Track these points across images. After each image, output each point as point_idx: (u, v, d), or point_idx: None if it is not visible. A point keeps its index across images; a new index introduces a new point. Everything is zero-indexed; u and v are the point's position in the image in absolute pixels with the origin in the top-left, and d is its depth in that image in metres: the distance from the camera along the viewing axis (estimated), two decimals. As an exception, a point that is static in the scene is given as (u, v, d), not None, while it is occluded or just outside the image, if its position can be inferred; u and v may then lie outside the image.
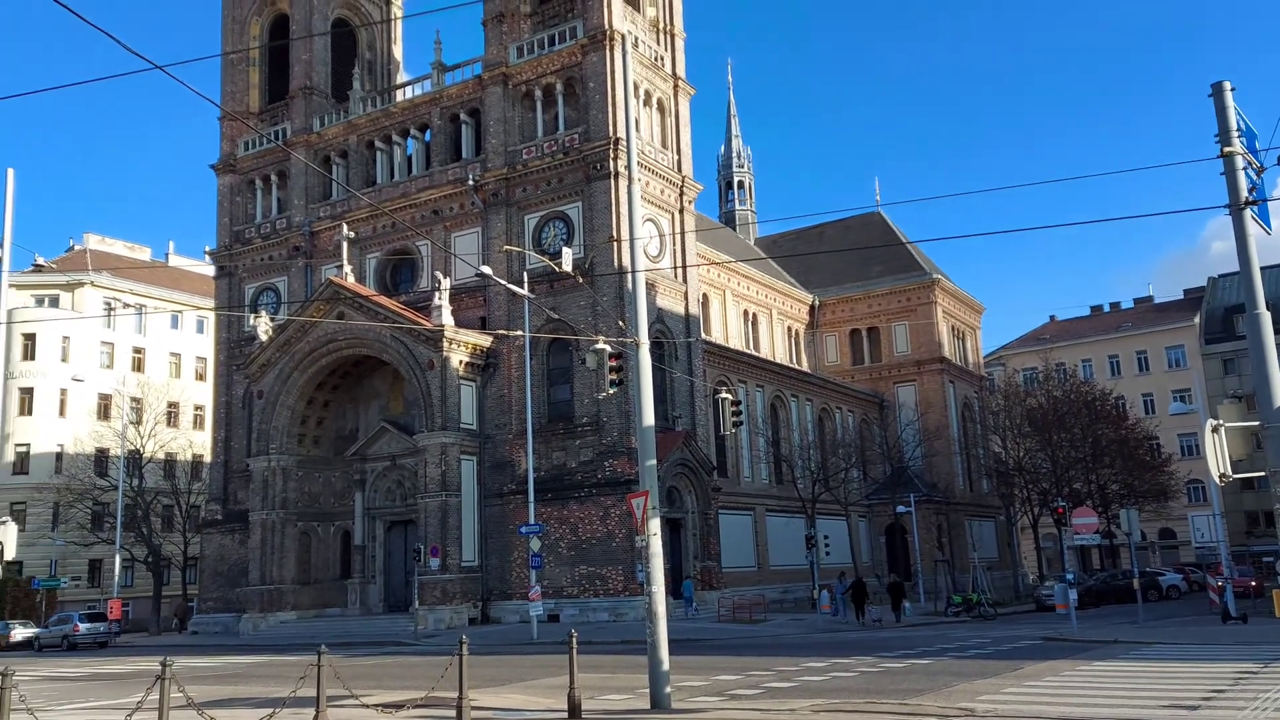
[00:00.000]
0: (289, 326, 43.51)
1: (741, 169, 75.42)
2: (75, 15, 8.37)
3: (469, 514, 39.63)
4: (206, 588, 49.15)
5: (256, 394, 44.63)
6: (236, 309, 49.73)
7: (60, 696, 19.39)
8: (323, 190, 48.77)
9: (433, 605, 37.27)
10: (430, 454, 39.22)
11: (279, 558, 42.94)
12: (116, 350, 69.10)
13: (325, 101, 49.93)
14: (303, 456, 44.27)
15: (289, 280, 48.85)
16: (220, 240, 51.47)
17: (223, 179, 51.78)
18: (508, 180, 42.08)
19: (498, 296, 41.05)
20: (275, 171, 50.38)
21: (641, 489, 15.59)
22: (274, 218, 50.13)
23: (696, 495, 40.79)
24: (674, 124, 44.07)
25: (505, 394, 40.94)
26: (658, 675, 14.08)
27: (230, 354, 49.81)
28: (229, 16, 52.95)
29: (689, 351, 42.47)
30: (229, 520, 47.53)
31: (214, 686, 18.85)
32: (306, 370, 43.45)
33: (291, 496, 43.58)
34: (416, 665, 23.09)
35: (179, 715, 11.16)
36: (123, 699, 18.19)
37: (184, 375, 71.65)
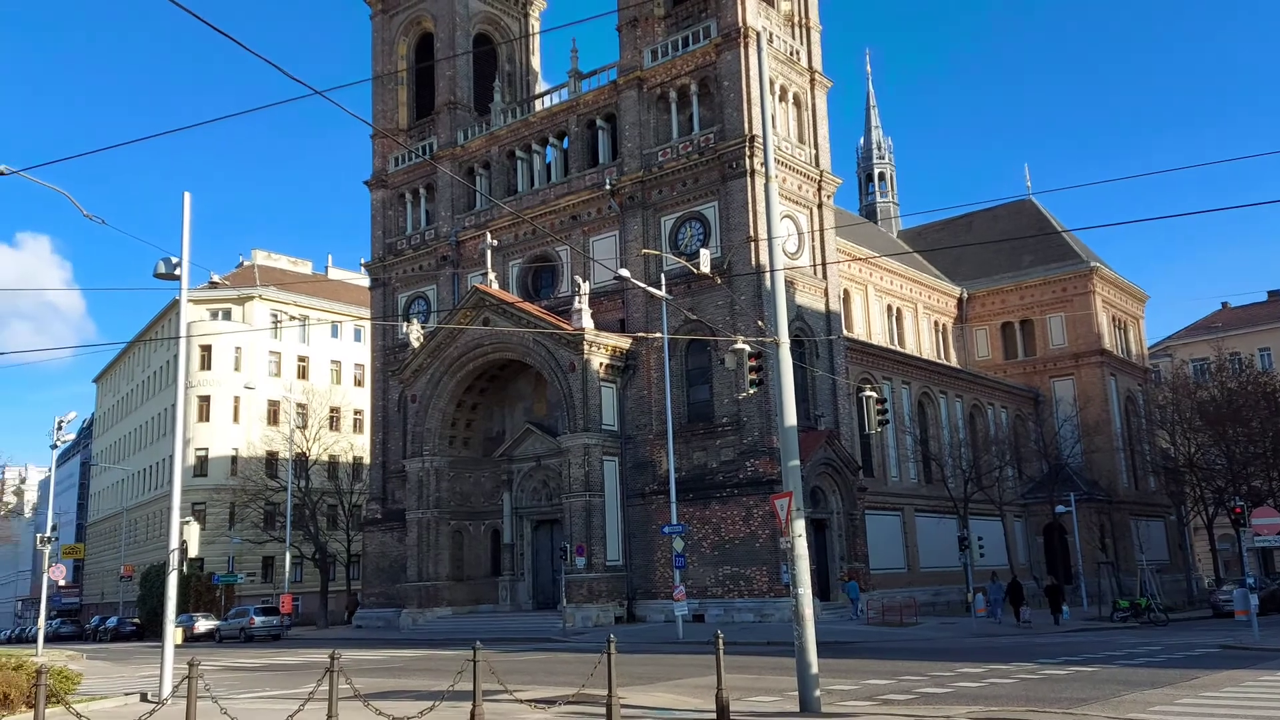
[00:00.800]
0: (438, 333, 45.25)
1: (882, 161, 73.63)
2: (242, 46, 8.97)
3: (612, 514, 40.19)
4: (369, 583, 51.62)
5: (410, 398, 46.59)
6: (390, 318, 52.05)
7: (240, 686, 20.76)
8: (467, 201, 50.48)
9: (580, 603, 37.96)
10: (573, 455, 39.97)
11: (434, 555, 44.70)
12: (283, 359, 73.61)
13: (468, 115, 51.66)
14: (454, 457, 45.93)
15: (438, 288, 50.78)
16: (374, 252, 54.01)
17: (375, 194, 54.33)
18: (644, 183, 42.45)
19: (636, 299, 41.45)
20: (423, 185, 52.50)
21: (784, 489, 15.42)
22: (423, 229, 52.23)
23: (841, 495, 40.06)
24: (811, 118, 43.44)
25: (645, 395, 41.29)
26: (806, 678, 13.89)
27: (385, 360, 52.17)
28: (379, 39, 55.52)
29: (830, 349, 41.76)
30: (388, 519, 49.78)
31: (377, 679, 19.78)
32: (456, 375, 45.07)
33: (444, 496, 45.28)
34: (566, 662, 23.56)
35: (346, 706, 11.75)
36: (295, 689, 19.32)
37: (344, 381, 75.60)
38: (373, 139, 54.45)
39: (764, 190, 17.12)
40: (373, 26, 55.86)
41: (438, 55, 51.87)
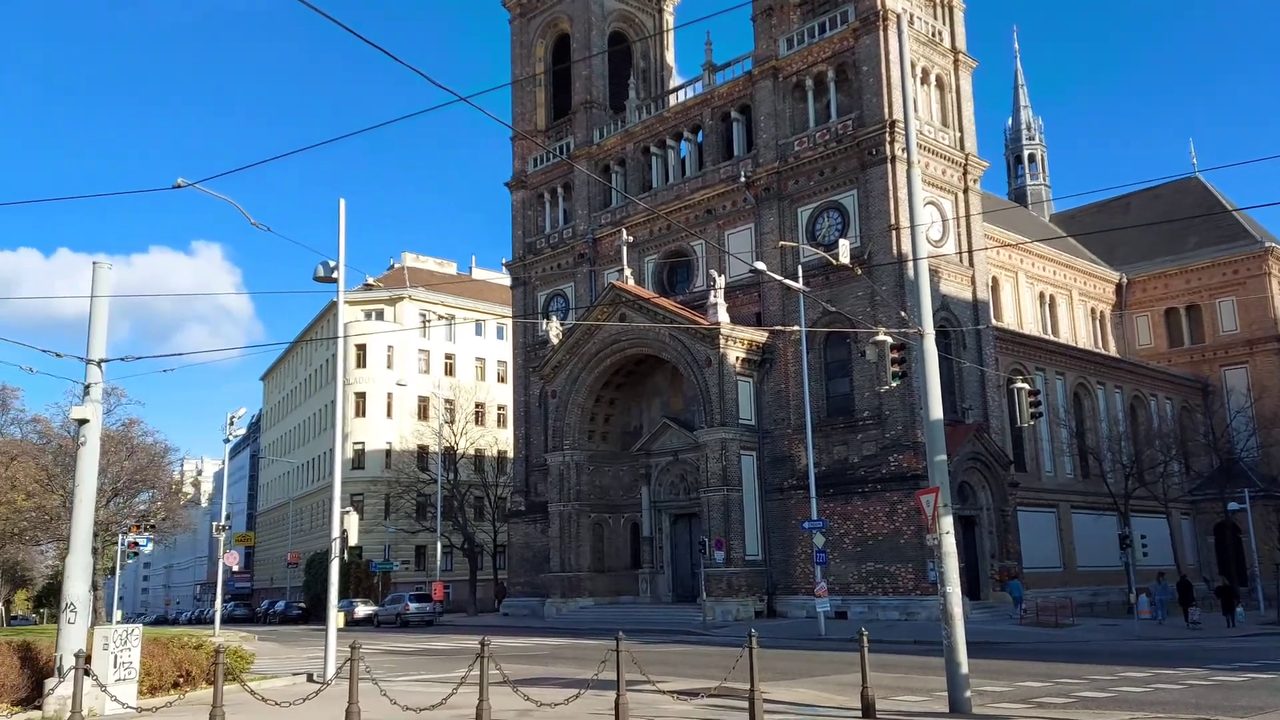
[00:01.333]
0: (576, 330, 46.08)
1: (1032, 141, 70.38)
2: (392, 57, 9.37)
3: (750, 508, 40.00)
4: (514, 572, 53.13)
5: (550, 394, 47.64)
6: (530, 316, 53.35)
7: (397, 669, 21.75)
8: (603, 198, 51.16)
9: (719, 597, 37.96)
10: (710, 449, 39.97)
11: (576, 546, 45.62)
12: (431, 357, 76.63)
13: (604, 113, 52.33)
14: (593, 451, 46.71)
15: (575, 286, 51.70)
16: (515, 252, 55.45)
17: (515, 195, 55.76)
18: (779, 174, 41.98)
19: (772, 292, 41.06)
20: (561, 184, 53.55)
21: (930, 485, 14.98)
22: (561, 228, 53.29)
23: (991, 491, 38.60)
24: (954, 100, 41.97)
25: (782, 389, 40.87)
26: (956, 678, 13.47)
27: (527, 357, 53.51)
28: (517, 43, 56.92)
29: (978, 339, 40.27)
30: (531, 511, 51.09)
31: (524, 665, 20.36)
32: (594, 370, 45.79)
33: (584, 489, 46.12)
34: (706, 655, 23.62)
35: (496, 691, 12.13)
36: (448, 674, 20.10)
37: (488, 378, 78.06)
38: (512, 141, 55.88)
39: (906, 177, 16.67)
40: (511, 31, 57.28)
41: (574, 56, 52.76)
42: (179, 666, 16.92)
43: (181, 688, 16.53)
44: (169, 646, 17.54)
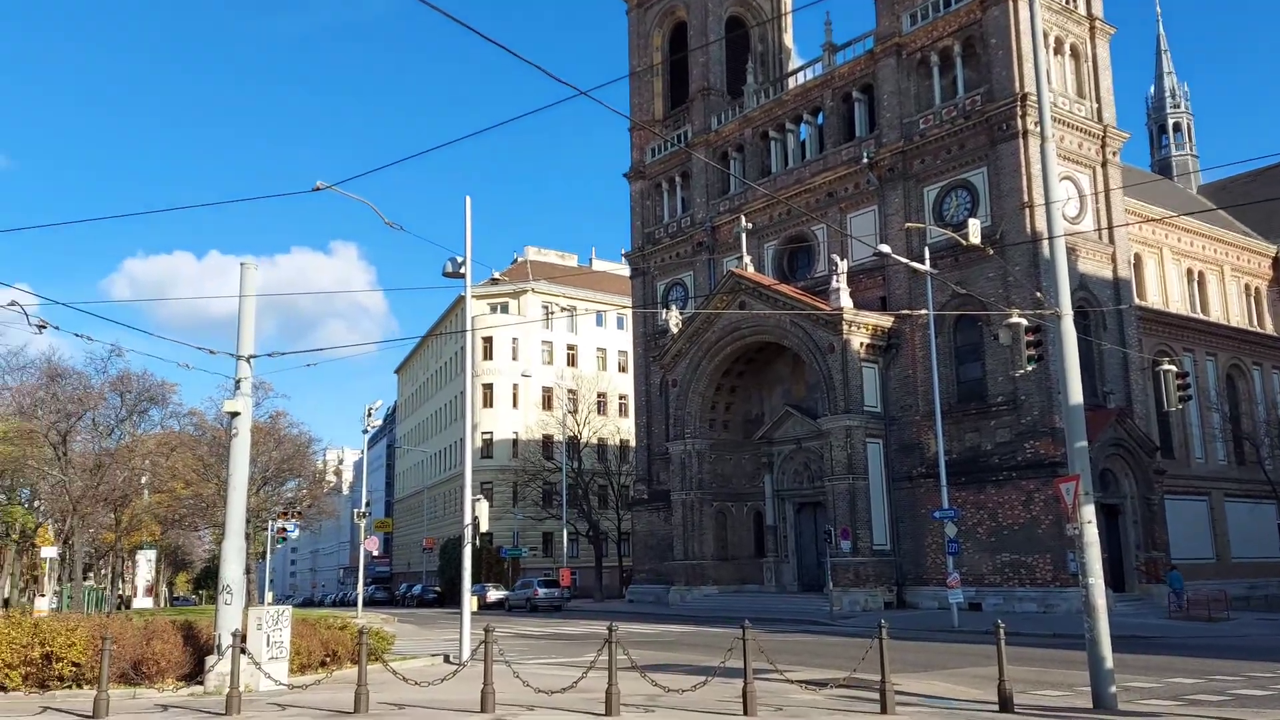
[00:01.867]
0: (695, 319, 46.07)
1: (1177, 110, 66.29)
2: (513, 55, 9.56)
3: (878, 497, 39.21)
4: (639, 560, 53.67)
5: (671, 382, 47.81)
6: (649, 305, 53.64)
7: (528, 652, 22.30)
8: (721, 186, 50.92)
9: (846, 587, 37.42)
10: (834, 437, 39.36)
11: (699, 535, 45.71)
12: (554, 348, 78.09)
13: (721, 100, 52.05)
14: (714, 440, 46.66)
15: (694, 274, 51.69)
16: (634, 242, 55.83)
17: (634, 185, 56.10)
18: (904, 153, 40.87)
19: (898, 275, 40.06)
20: (679, 173, 53.56)
21: (1070, 472, 14.34)
22: (679, 216, 53.33)
23: (1135, 479, 36.73)
24: (1090, 70, 39.95)
25: (910, 374, 39.87)
26: (1100, 673, 12.90)
27: (647, 347, 53.85)
28: (634, 33, 57.20)
29: (1119, 320, 38.33)
30: (654, 499, 51.47)
31: (650, 651, 20.56)
32: (714, 358, 45.70)
33: (706, 478, 46.14)
34: (833, 645, 23.33)
35: (624, 675, 12.30)
36: (577, 658, 20.49)
37: (609, 368, 78.99)
38: (630, 132, 56.20)
39: (1040, 152, 15.97)
40: (629, 22, 57.56)
41: (691, 43, 52.64)
42: (326, 646, 17.78)
43: (328, 666, 17.37)
44: (316, 627, 18.46)
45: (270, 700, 14.02)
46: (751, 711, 11.51)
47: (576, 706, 12.24)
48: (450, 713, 12.21)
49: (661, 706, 12.29)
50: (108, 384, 38.92)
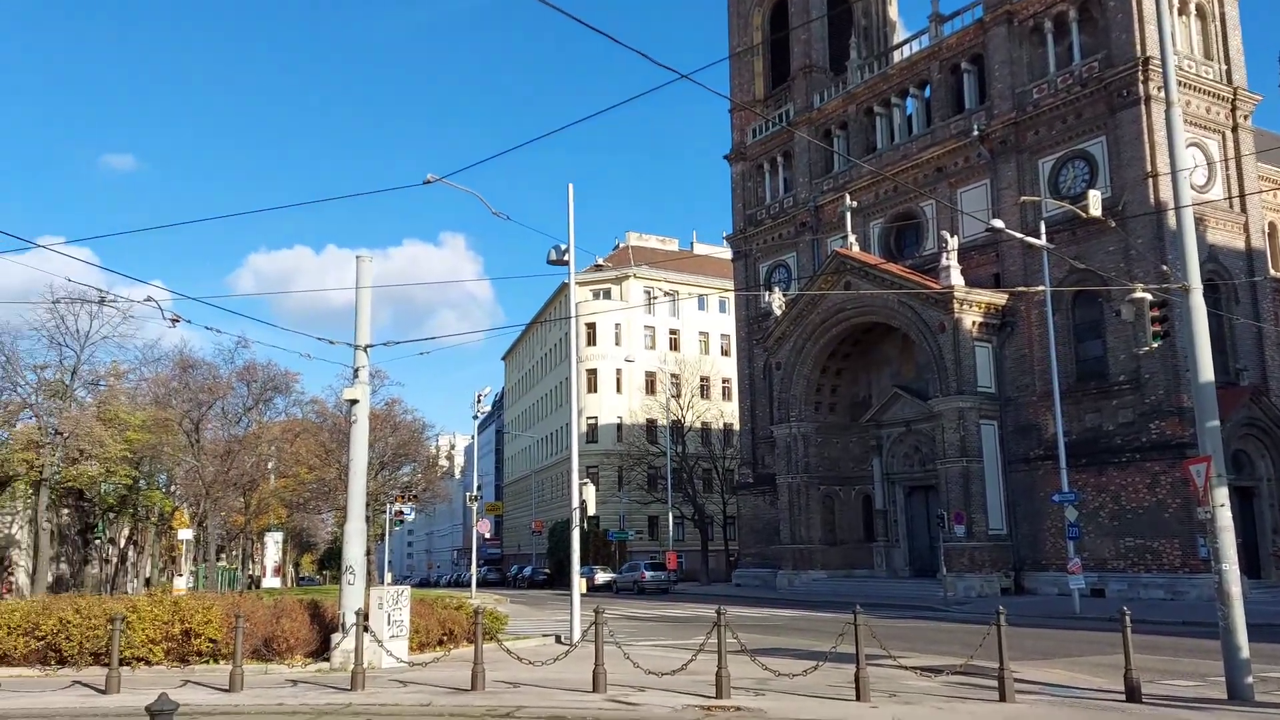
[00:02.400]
0: (799, 300, 45.51)
1: (1313, 66, 61.96)
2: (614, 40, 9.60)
3: (992, 480, 38.11)
4: (744, 543, 53.56)
5: (774, 365, 47.40)
6: (752, 288, 53.25)
7: (636, 634, 22.55)
8: (825, 164, 50.08)
9: (960, 572, 36.55)
10: (946, 419, 38.40)
11: (805, 519, 45.31)
12: (656, 333, 78.39)
13: (824, 77, 51.13)
14: (820, 423, 46.09)
15: (798, 255, 51.04)
16: (735, 225, 55.45)
17: (735, 167, 55.68)
18: (1016, 125, 39.39)
19: (1011, 251, 38.73)
20: (781, 153, 52.90)
21: (1201, 454, 13.63)
22: (781, 197, 52.70)
23: (1272, 460, 34.71)
24: (1218, 29, 37.69)
25: (1025, 353, 38.54)
26: (1234, 662, 12.27)
27: (749, 330, 53.50)
28: (734, 14, 56.68)
29: (1253, 292, 36.19)
30: (759, 483, 51.22)
31: (758, 635, 20.51)
32: (819, 340, 45.09)
33: (813, 461, 45.65)
34: (947, 631, 22.84)
35: (733, 659, 12.31)
36: (685, 640, 20.61)
37: (711, 351, 78.88)
38: (731, 113, 55.77)
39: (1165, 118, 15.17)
40: (728, 3, 57.05)
41: (792, 21, 51.80)
42: (443, 625, 18.36)
43: (446, 645, 17.93)
44: (433, 607, 19.07)
45: (392, 677, 14.55)
46: (864, 697, 11.38)
47: (687, 689, 12.32)
48: (563, 692, 12.45)
49: (772, 690, 12.27)
50: (235, 374, 40.96)
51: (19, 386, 33.48)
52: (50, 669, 15.67)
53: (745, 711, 10.85)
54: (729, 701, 11.41)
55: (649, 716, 10.64)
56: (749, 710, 10.90)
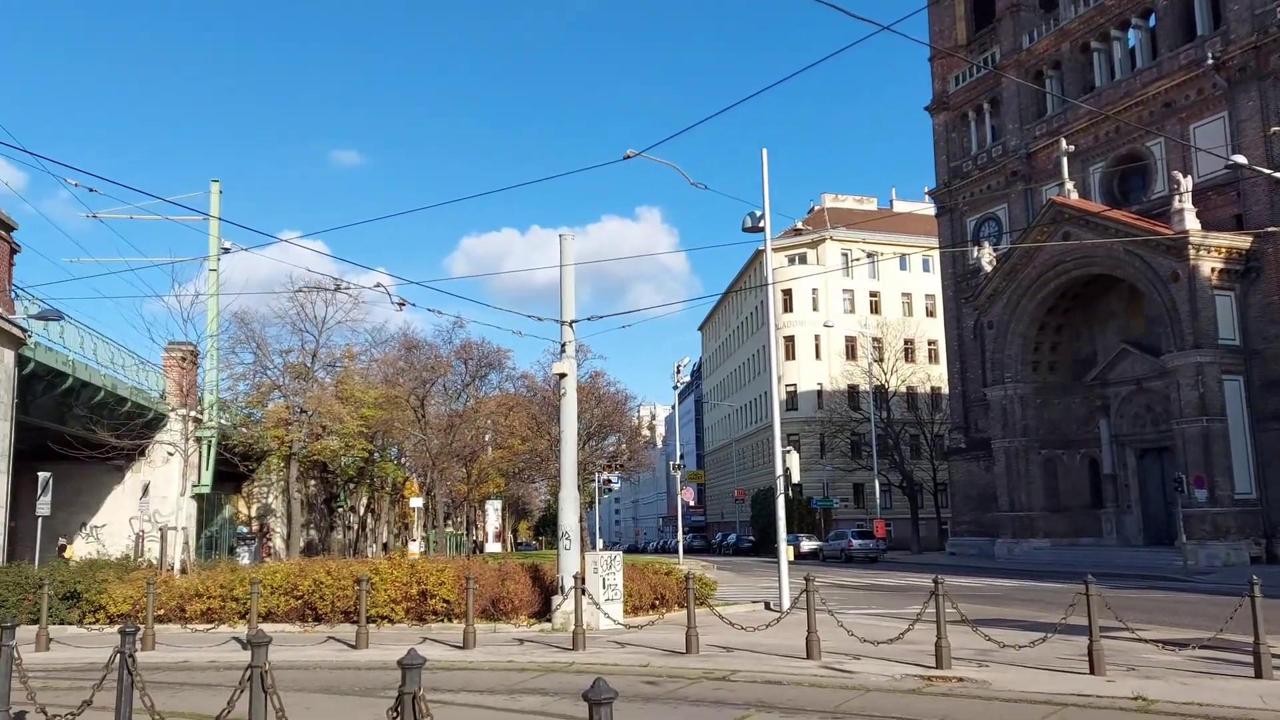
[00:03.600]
0: (1012, 254, 43.07)
1: None
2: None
3: (1238, 440, 34.88)
4: (958, 511, 51.65)
5: (986, 324, 45.17)
6: (958, 244, 50.86)
7: (846, 602, 22.29)
8: (1036, 109, 46.99)
9: (1201, 540, 33.73)
10: (1182, 375, 35.38)
11: (1025, 485, 43.11)
12: (855, 296, 76.47)
13: (1033, 15, 47.86)
14: (1038, 384, 43.60)
15: (1008, 207, 48.27)
16: (939, 179, 53.06)
17: (937, 118, 53.20)
18: (1258, 49, 35.45)
19: (1255, 188, 35.03)
20: (987, 100, 50.09)
21: None
22: (989, 146, 49.93)
23: None
24: None
25: (1273, 300, 34.87)
26: None
27: (957, 288, 51.20)
28: (928, -43, 53.97)
29: None
30: (971, 448, 49.15)
31: (976, 605, 19.77)
32: (1035, 296, 42.58)
33: (1031, 424, 43.30)
34: (1188, 603, 21.17)
35: (953, 629, 11.94)
36: (898, 609, 20.19)
37: (915, 313, 76.11)
38: (931, 62, 53.29)
39: None
40: (920, -54, 54.39)
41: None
42: (654, 590, 18.85)
43: (658, 609, 18.41)
44: (644, 572, 19.61)
45: (610, 638, 15.12)
46: (1099, 670, 10.75)
47: (904, 658, 12.08)
48: (776, 658, 12.51)
49: (996, 662, 11.82)
50: (453, 352, 43.43)
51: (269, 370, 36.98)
52: (308, 625, 17.33)
53: (969, 682, 10.52)
54: (950, 672, 11.09)
55: (867, 684, 10.52)
56: (973, 681, 10.56)
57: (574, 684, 10.78)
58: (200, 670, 12.84)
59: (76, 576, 18.49)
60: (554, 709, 9.47)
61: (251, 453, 36.66)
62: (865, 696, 9.87)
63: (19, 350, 23.49)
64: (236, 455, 34.77)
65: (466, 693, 10.45)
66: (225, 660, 13.53)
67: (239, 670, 6.84)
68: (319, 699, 10.18)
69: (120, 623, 16.59)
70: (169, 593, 17.58)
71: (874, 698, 9.81)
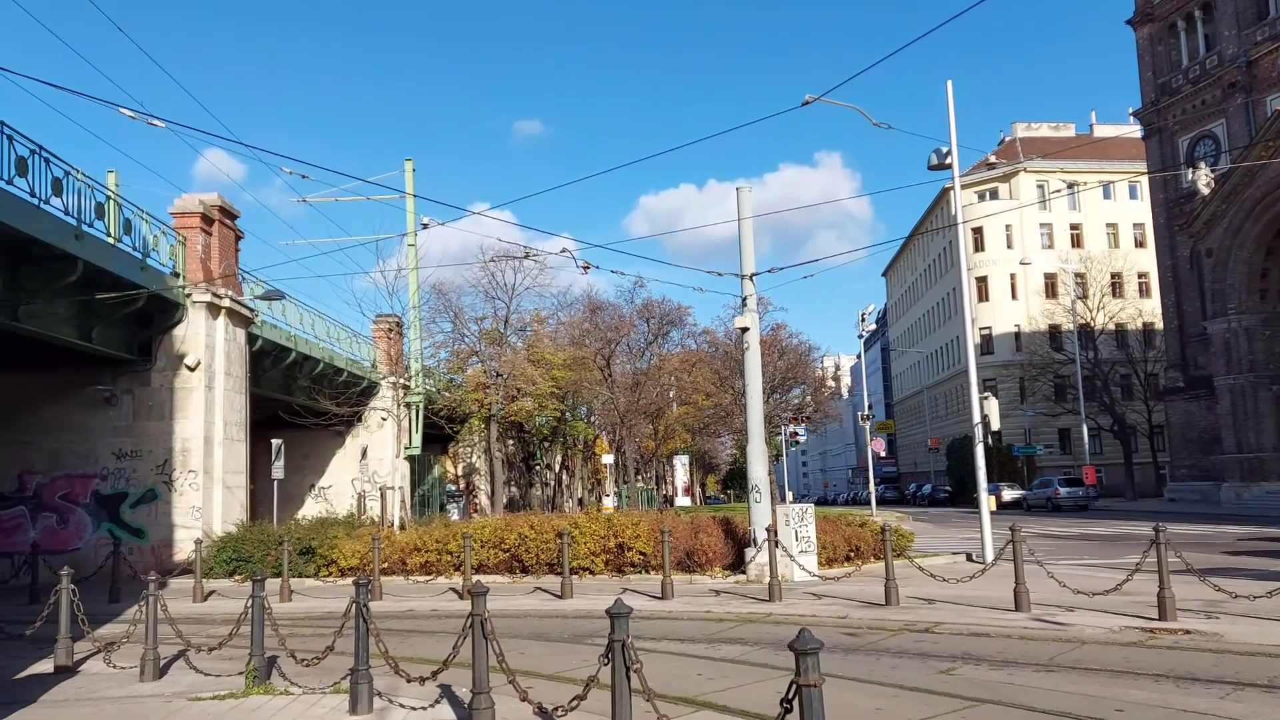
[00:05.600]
0: (1233, 174, 39.18)
1: None
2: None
3: None
4: (1177, 455, 48.12)
5: (1204, 252, 41.50)
6: (1170, 167, 46.76)
7: (1054, 552, 21.29)
8: (1256, 10, 42.32)
9: None
10: None
11: (1254, 424, 39.58)
12: (1054, 230, 71.94)
13: (1248, -96, 42.97)
14: (1267, 314, 39.75)
15: (1227, 123, 43.88)
16: (1145, 97, 48.85)
17: (1140, 31, 48.88)
18: None
19: None
20: (1198, 6, 45.56)
21: None
22: (1201, 58, 45.46)
23: None
24: None
25: None
26: None
27: (1169, 214, 47.20)
28: None
29: None
30: (1190, 387, 45.52)
31: (1203, 554, 18.43)
32: (1261, 219, 38.70)
33: (1259, 358, 39.59)
34: None
35: (1177, 579, 11.21)
36: (1114, 559, 19.11)
37: (1122, 244, 70.85)
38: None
39: None
40: None
41: None
42: (848, 542, 18.70)
43: (853, 560, 18.26)
44: (837, 524, 19.46)
45: (805, 590, 15.15)
46: (1349, 625, 9.84)
47: (1122, 609, 11.46)
48: (981, 610, 12.16)
49: (1226, 613, 11.01)
50: (635, 312, 44.10)
51: (466, 337, 38.83)
52: (516, 576, 18.30)
53: (1196, 634, 9.87)
54: (1176, 624, 10.44)
55: (1081, 636, 10.06)
56: (1201, 634, 9.90)
57: (772, 634, 10.90)
58: (424, 619, 13.83)
59: (310, 534, 20.26)
60: (754, 658, 9.61)
61: (455, 415, 38.76)
62: (1081, 649, 9.45)
63: (249, 329, 25.77)
64: (442, 418, 36.85)
65: (668, 640, 10.76)
66: (445, 609, 14.52)
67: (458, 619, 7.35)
68: (532, 645, 10.77)
69: (351, 575, 18.13)
70: (391, 547, 18.99)
71: (1091, 650, 9.37)
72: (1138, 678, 8.04)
